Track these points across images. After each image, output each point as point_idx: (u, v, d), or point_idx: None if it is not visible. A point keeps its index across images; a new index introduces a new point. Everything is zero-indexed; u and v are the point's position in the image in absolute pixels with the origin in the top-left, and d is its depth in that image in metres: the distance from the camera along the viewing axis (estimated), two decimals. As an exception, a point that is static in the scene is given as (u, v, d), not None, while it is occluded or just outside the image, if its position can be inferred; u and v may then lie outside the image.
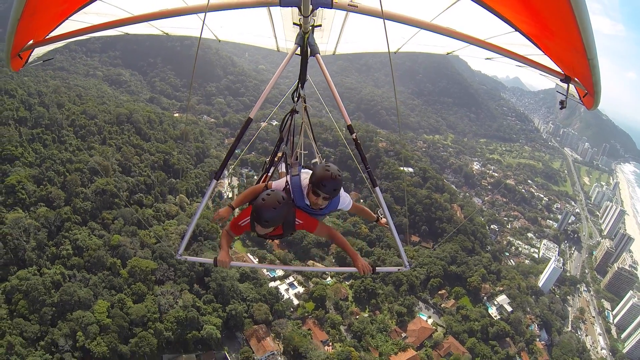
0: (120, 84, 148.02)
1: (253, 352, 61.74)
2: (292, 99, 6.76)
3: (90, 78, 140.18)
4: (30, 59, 5.51)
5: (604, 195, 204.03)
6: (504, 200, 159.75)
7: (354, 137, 5.51)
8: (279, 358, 64.09)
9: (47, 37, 4.84)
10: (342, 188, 5.54)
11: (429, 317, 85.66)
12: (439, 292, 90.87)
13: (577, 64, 4.03)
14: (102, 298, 53.45)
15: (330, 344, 71.02)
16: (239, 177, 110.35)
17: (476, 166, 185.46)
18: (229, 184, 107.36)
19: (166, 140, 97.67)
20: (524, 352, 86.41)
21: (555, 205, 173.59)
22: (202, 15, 5.20)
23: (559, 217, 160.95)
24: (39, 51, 5.51)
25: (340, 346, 69.94)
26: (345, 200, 6.07)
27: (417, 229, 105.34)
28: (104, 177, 69.38)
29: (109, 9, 4.82)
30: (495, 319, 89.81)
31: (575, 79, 4.57)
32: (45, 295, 50.18)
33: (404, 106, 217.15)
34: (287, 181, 5.75)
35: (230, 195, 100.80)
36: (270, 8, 5.70)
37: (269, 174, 6.98)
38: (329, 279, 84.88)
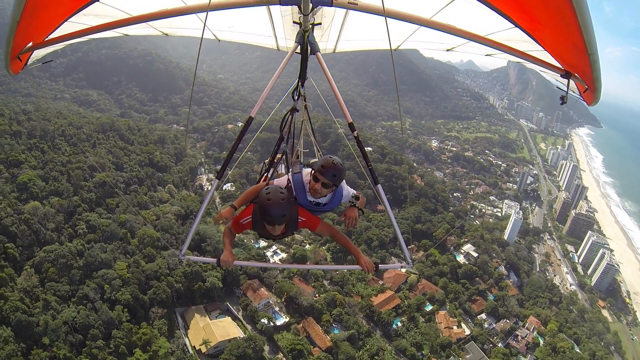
0: (90, 104, 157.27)
1: (251, 301, 73.84)
2: (292, 97, 6.92)
3: (59, 101, 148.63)
4: (30, 61, 5.83)
5: (559, 156, 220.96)
6: (464, 170, 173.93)
7: (355, 135, 5.87)
8: (276, 307, 76.13)
9: (47, 39, 5.08)
10: (344, 181, 5.83)
11: (402, 267, 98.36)
12: (408, 247, 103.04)
13: (577, 60, 4.24)
14: (120, 260, 65.27)
15: (317, 295, 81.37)
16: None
17: (434, 143, 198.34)
18: (207, 179, 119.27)
19: (147, 143, 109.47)
20: (494, 287, 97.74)
21: (513, 170, 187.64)
22: (202, 15, 5.59)
23: (518, 179, 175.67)
24: (38, 53, 5.81)
25: (324, 296, 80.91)
26: (349, 192, 6.22)
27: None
28: (102, 172, 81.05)
29: (108, 10, 5.06)
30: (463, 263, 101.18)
31: (576, 74, 4.73)
32: (72, 260, 61.52)
33: (361, 97, 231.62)
34: (288, 179, 5.86)
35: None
36: (270, 7, 5.87)
37: (269, 173, 7.25)
38: (307, 245, 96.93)
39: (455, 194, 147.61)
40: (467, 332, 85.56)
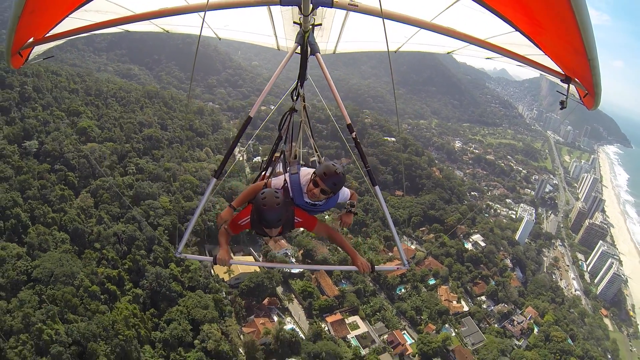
0: (131, 77, 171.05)
1: (272, 249, 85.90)
2: (292, 97, 7.00)
3: (103, 73, 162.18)
4: (31, 57, 5.94)
5: (582, 169, 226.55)
6: (484, 172, 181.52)
7: (354, 136, 5.95)
8: (292, 258, 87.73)
9: (48, 34, 5.21)
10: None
11: (412, 244, 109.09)
12: (420, 228, 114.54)
13: (578, 65, 4.26)
14: (163, 196, 78.61)
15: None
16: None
17: (458, 144, 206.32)
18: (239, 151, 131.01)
19: (188, 112, 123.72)
20: (497, 276, 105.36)
21: (533, 177, 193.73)
22: (202, 13, 5.70)
23: (537, 186, 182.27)
24: (39, 49, 5.90)
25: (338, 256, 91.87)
26: (345, 195, 6.41)
27: (401, 185, 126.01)
28: (150, 128, 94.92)
29: (109, 6, 5.21)
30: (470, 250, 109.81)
31: (576, 79, 4.84)
32: (124, 189, 75.27)
33: (390, 95, 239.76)
34: (285, 179, 6.07)
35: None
36: (271, 7, 6.04)
37: (267, 172, 7.26)
38: (327, 216, 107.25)
39: (472, 193, 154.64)
40: (466, 308, 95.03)
